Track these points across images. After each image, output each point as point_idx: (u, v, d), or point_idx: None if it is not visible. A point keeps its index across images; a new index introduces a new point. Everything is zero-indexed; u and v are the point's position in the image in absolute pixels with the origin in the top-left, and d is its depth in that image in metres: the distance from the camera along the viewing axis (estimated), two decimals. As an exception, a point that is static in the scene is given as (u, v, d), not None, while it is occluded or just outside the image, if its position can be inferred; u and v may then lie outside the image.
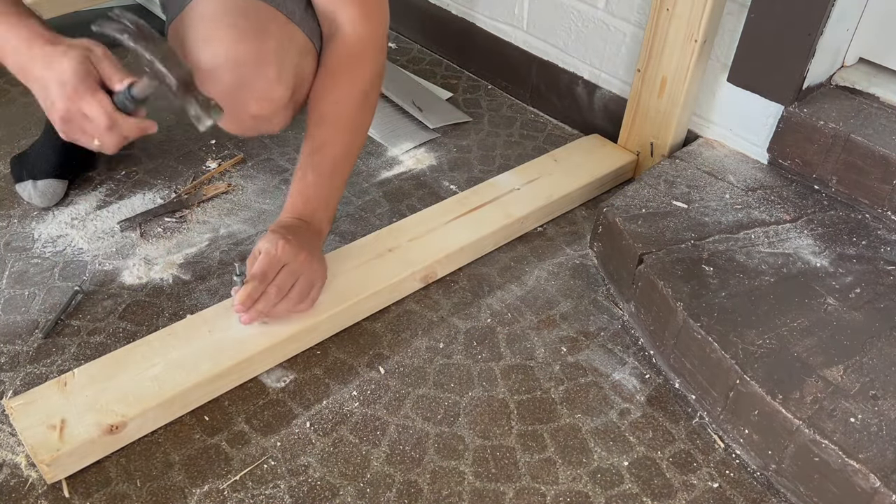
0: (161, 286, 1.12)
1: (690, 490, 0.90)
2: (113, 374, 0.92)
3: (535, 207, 1.24)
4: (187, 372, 0.93)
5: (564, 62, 1.51)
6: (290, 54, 0.96)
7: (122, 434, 0.88)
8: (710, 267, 1.05)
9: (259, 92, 0.94)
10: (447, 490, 0.88)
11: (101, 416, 0.87)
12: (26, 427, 0.85)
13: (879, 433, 0.83)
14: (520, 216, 1.22)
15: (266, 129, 1.00)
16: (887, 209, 1.13)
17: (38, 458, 0.83)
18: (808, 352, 0.92)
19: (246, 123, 0.98)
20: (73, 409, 0.87)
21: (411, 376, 1.01)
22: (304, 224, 1.00)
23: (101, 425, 0.86)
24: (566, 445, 0.94)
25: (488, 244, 1.21)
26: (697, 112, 1.33)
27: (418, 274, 1.12)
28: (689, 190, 1.20)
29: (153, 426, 0.91)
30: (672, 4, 1.19)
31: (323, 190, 1.02)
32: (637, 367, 1.05)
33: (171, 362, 0.94)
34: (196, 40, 0.92)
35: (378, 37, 1.02)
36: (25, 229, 1.20)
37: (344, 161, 1.03)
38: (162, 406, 0.90)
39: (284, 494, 0.87)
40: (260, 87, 0.93)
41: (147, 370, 0.92)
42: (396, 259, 1.12)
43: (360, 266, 1.10)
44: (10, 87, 1.53)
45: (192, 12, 0.95)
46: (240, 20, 0.93)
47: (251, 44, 0.92)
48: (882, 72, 1.22)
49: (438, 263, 1.14)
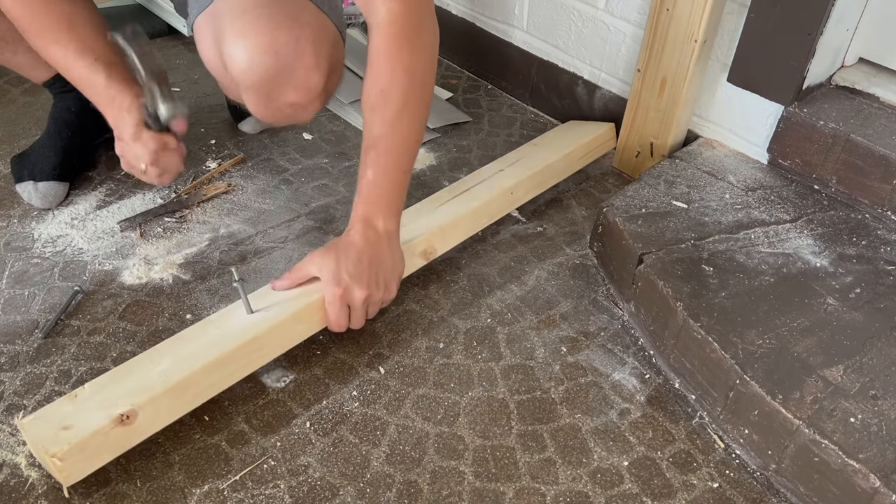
0: (161, 286, 1.12)
1: (690, 490, 0.90)
2: (122, 379, 0.90)
3: (521, 178, 1.26)
4: (195, 360, 0.91)
5: (564, 62, 1.51)
6: (323, 42, 0.96)
7: (136, 427, 0.86)
8: (710, 267, 1.05)
9: (297, 80, 0.94)
10: (447, 490, 0.88)
11: (112, 409, 0.85)
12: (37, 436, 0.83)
13: (879, 433, 0.83)
14: (508, 186, 1.24)
15: (299, 118, 1.01)
16: (887, 209, 1.13)
17: (49, 453, 0.80)
18: (808, 352, 0.92)
19: (282, 112, 0.98)
20: (84, 412, 0.85)
21: (411, 376, 1.01)
22: (369, 229, 0.99)
23: (110, 416, 0.84)
24: (566, 445, 0.94)
25: (483, 217, 1.21)
26: (697, 112, 1.33)
27: (416, 248, 1.10)
28: (689, 190, 1.20)
29: (167, 419, 0.89)
30: (672, 4, 1.19)
31: (384, 187, 1.00)
32: (637, 367, 1.05)
33: (178, 358, 0.92)
34: (230, 33, 0.93)
35: (417, 16, 0.98)
36: (25, 229, 1.20)
37: (402, 153, 1.01)
38: (172, 392, 0.88)
39: (284, 494, 0.87)
40: (298, 75, 0.94)
41: (155, 368, 0.91)
42: None
43: None
44: (10, 87, 1.53)
45: (221, 5, 0.95)
46: (273, 10, 0.93)
47: (288, 32, 0.92)
48: (882, 72, 1.22)
49: (434, 236, 1.13)
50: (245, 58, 0.91)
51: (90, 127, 1.33)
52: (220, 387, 0.93)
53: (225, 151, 1.40)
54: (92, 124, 1.33)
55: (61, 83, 1.26)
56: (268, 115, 0.99)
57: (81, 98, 1.29)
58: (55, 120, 1.28)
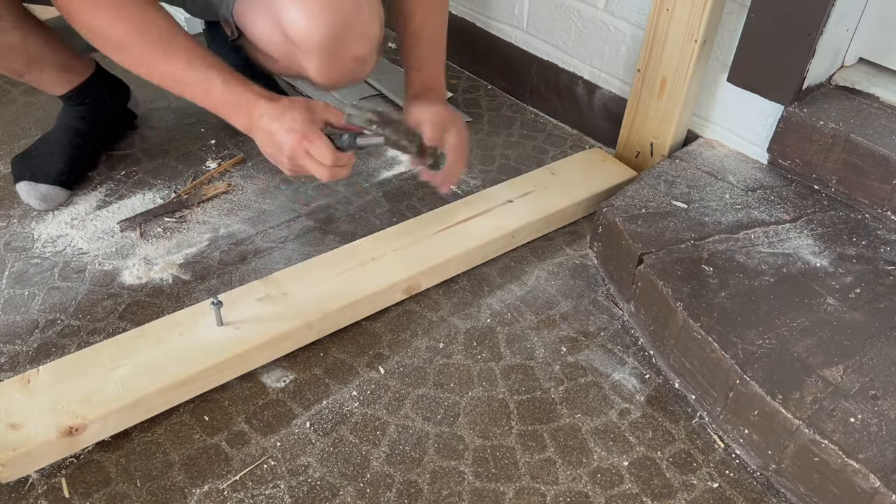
0: (161, 286, 1.12)
1: (690, 490, 0.90)
2: (78, 374, 0.89)
3: (526, 221, 1.20)
4: (153, 375, 0.90)
5: (564, 62, 1.51)
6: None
7: (83, 437, 0.85)
8: (710, 267, 1.05)
9: (359, 31, 0.98)
10: (447, 490, 0.88)
11: (61, 417, 0.84)
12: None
13: (879, 433, 0.83)
14: (510, 230, 1.18)
15: (360, 74, 1.05)
16: (887, 209, 1.13)
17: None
18: (808, 352, 0.92)
19: (346, 68, 1.02)
20: (34, 409, 0.85)
21: (411, 376, 1.01)
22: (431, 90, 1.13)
23: (60, 427, 0.83)
24: (566, 445, 0.94)
25: (476, 258, 1.17)
26: (697, 112, 1.33)
27: (400, 285, 1.08)
28: (689, 190, 1.20)
29: (114, 430, 0.89)
30: (672, 4, 1.19)
31: (435, 59, 1.16)
32: (637, 367, 1.05)
33: (138, 365, 0.91)
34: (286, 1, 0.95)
35: None
36: (25, 229, 1.20)
37: (442, 34, 1.18)
38: (125, 410, 0.88)
39: (284, 494, 0.87)
40: (359, 27, 0.97)
41: (113, 371, 0.90)
42: (378, 269, 1.08)
43: (341, 274, 1.07)
44: (10, 87, 1.53)
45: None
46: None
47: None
48: (882, 72, 1.22)
49: (423, 275, 1.10)
50: (307, 18, 0.93)
51: (102, 137, 1.34)
52: (174, 403, 0.93)
53: (225, 151, 1.40)
54: (104, 134, 1.34)
55: (79, 95, 1.26)
56: (332, 74, 1.02)
57: (96, 107, 1.30)
58: (66, 126, 1.28)
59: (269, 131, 0.98)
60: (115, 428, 0.89)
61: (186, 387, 0.93)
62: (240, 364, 0.97)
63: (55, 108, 1.33)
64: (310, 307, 1.01)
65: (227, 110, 1.00)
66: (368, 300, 1.05)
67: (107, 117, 1.33)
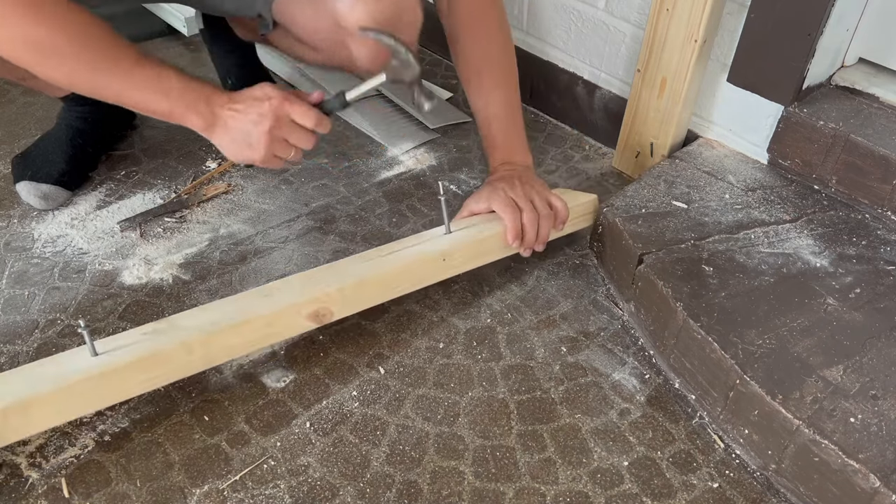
0: (161, 286, 1.12)
1: (690, 490, 0.90)
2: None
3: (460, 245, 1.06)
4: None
5: (564, 62, 1.51)
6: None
7: None
8: (710, 267, 1.05)
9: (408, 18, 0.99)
10: (447, 490, 0.88)
11: None
12: None
13: (879, 433, 0.83)
14: (441, 251, 1.05)
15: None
16: (887, 209, 1.13)
17: None
18: (808, 352, 0.92)
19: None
20: None
21: (411, 376, 1.01)
22: (510, 165, 1.13)
23: None
24: (566, 445, 0.94)
25: (404, 282, 1.04)
26: (697, 112, 1.33)
27: (304, 308, 0.96)
28: (689, 190, 1.20)
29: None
30: (672, 4, 1.19)
31: (510, 133, 1.16)
32: (637, 367, 1.05)
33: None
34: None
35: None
36: (25, 229, 1.20)
37: (514, 101, 1.17)
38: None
39: (284, 494, 0.87)
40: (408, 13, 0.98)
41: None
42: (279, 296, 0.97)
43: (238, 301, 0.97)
44: (10, 87, 1.53)
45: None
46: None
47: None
48: (882, 72, 1.22)
49: (331, 299, 0.97)
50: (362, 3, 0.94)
51: (103, 137, 1.33)
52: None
53: (225, 151, 1.40)
54: (105, 134, 1.34)
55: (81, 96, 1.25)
56: (383, 59, 1.01)
57: (99, 108, 1.30)
58: (68, 127, 1.28)
59: (240, 113, 0.95)
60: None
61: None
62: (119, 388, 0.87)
63: (55, 108, 1.33)
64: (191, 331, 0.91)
65: (184, 109, 0.94)
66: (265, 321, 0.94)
67: (108, 118, 1.33)
